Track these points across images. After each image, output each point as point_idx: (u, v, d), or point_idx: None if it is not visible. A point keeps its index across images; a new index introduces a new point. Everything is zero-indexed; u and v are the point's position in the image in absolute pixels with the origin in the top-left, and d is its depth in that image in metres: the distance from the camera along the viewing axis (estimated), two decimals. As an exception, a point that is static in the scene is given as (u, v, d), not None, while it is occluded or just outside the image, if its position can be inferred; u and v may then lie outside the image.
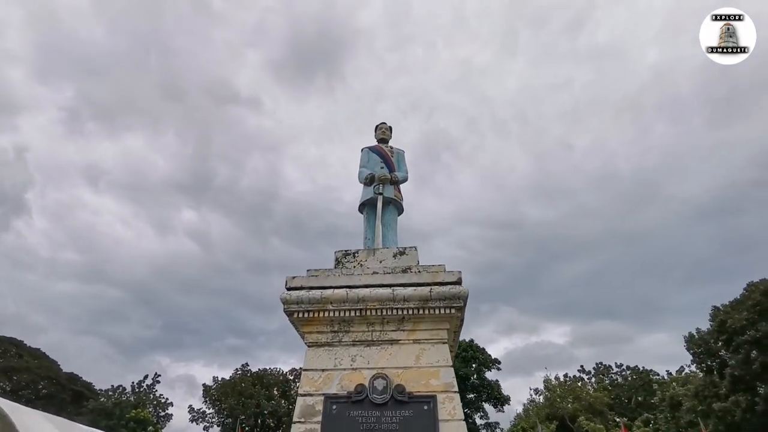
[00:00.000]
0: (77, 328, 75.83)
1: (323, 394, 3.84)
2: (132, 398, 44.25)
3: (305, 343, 4.22)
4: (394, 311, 4.07)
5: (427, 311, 4.04)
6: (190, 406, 45.86)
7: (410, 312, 4.06)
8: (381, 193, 5.50)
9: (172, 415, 46.83)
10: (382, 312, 4.09)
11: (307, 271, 4.45)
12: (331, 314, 4.14)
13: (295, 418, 3.76)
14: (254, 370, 45.37)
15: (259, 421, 41.53)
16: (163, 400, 47.31)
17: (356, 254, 4.72)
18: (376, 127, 6.34)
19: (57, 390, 40.76)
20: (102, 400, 42.62)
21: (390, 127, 6.38)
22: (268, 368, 45.81)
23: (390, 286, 4.15)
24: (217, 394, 43.48)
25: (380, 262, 4.58)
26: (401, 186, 5.90)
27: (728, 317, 29.85)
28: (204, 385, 44.99)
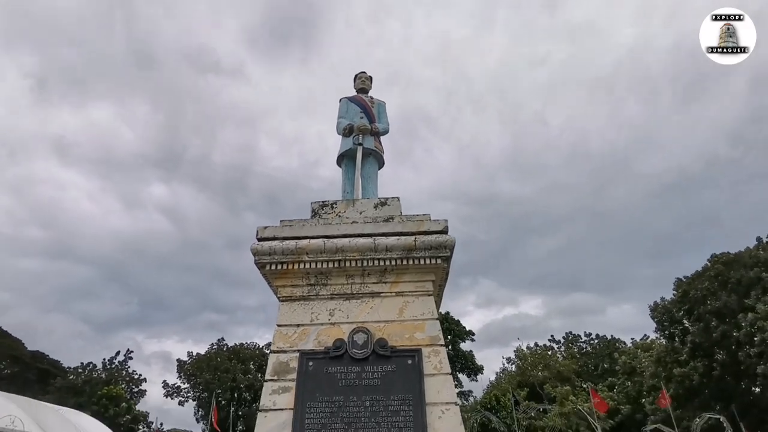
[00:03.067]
0: (45, 306, 73.40)
1: (298, 350, 3.54)
2: (103, 375, 43.26)
3: (278, 298, 3.88)
4: (376, 262, 3.77)
5: (411, 262, 3.75)
6: (164, 381, 45.32)
7: (393, 263, 3.76)
8: (361, 144, 5.12)
9: (146, 391, 46.23)
10: (362, 263, 3.77)
11: (281, 221, 4.08)
12: (307, 266, 3.80)
13: (267, 376, 3.46)
14: (230, 345, 45.03)
15: (236, 394, 41.43)
16: (136, 377, 46.57)
17: (334, 205, 4.36)
18: (356, 76, 5.90)
19: (21, 369, 39.43)
20: (71, 378, 41.52)
21: (370, 77, 5.95)
22: (244, 343, 45.54)
23: (371, 235, 3.83)
24: (192, 369, 43.02)
25: (360, 213, 4.24)
26: (382, 139, 5.54)
27: (690, 288, 31.14)
28: (178, 360, 44.42)
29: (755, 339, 24.45)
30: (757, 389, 26.83)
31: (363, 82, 5.82)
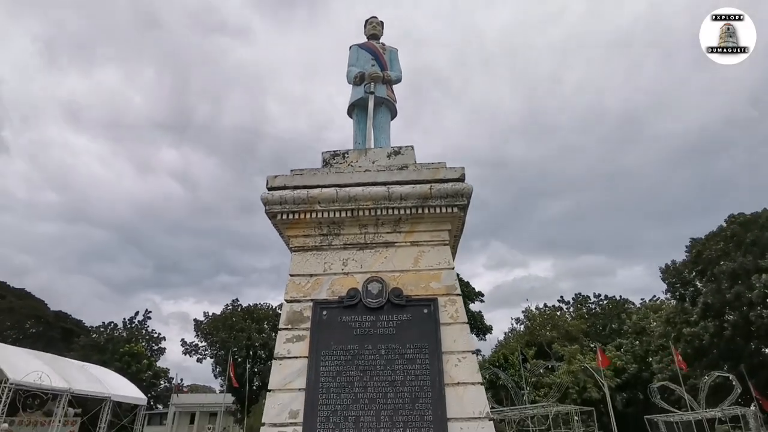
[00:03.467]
0: (66, 268, 75.54)
1: (312, 300, 3.48)
2: (124, 334, 44.93)
3: (290, 248, 3.80)
4: (390, 211, 3.63)
5: (426, 210, 3.62)
6: (182, 339, 46.99)
7: (408, 212, 3.63)
8: (372, 92, 4.89)
9: (165, 348, 48.18)
10: (376, 212, 3.65)
11: (291, 170, 3.94)
12: (319, 215, 3.69)
13: (281, 325, 3.42)
14: (244, 305, 46.22)
15: (251, 352, 42.89)
16: (155, 335, 48.39)
17: (346, 155, 4.19)
18: (366, 21, 5.59)
19: (45, 328, 40.94)
20: (93, 336, 43.20)
21: (381, 22, 5.62)
22: (258, 303, 46.70)
23: (385, 184, 3.68)
24: (208, 328, 44.43)
25: (373, 162, 4.07)
26: (394, 87, 5.28)
27: (705, 248, 30.81)
28: (195, 320, 45.83)
29: (768, 301, 24.32)
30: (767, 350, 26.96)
31: (374, 28, 5.51)
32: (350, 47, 5.42)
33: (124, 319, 47.39)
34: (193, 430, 43.99)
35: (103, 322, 46.17)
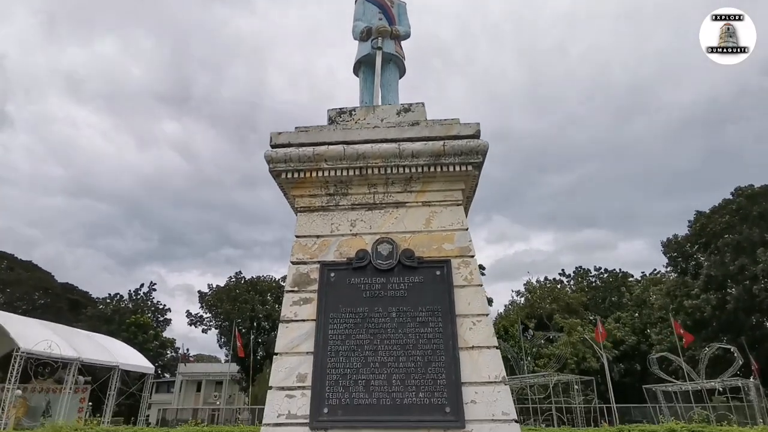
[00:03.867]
0: (72, 242, 76.05)
1: (319, 262, 3.33)
2: (130, 305, 45.48)
3: (295, 209, 3.63)
4: (401, 170, 3.44)
5: (439, 169, 3.42)
6: (187, 311, 47.62)
7: (419, 170, 3.44)
8: (380, 48, 4.60)
9: (171, 320, 48.84)
10: (386, 171, 3.45)
11: (296, 127, 3.73)
12: (326, 174, 3.50)
13: (287, 287, 3.28)
14: (248, 277, 46.57)
15: (255, 323, 43.47)
16: (161, 307, 49.00)
17: (353, 112, 3.97)
18: (372, -28, 5.23)
19: (53, 300, 41.38)
20: (100, 308, 43.76)
21: (388, -27, 5.27)
22: (261, 276, 47.05)
23: (395, 141, 3.47)
24: (212, 300, 44.91)
25: (381, 120, 3.85)
26: (403, 44, 4.99)
27: (710, 221, 30.63)
28: (199, 291, 46.31)
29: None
30: (768, 323, 27.13)
31: (381, -21, 5.16)
32: (355, 1, 5.11)
33: (130, 291, 47.90)
34: (200, 398, 45.09)
35: (109, 294, 46.69)
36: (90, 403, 21.19)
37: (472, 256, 3.28)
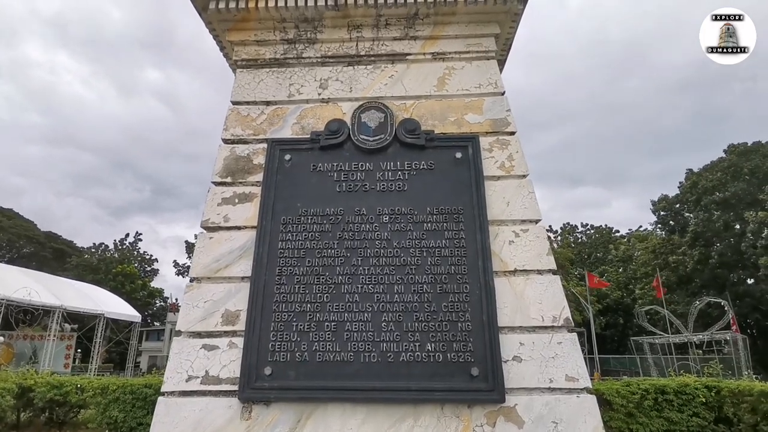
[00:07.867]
0: (61, 191, 72.98)
1: (267, 139, 2.08)
2: (116, 255, 44.34)
3: (233, 62, 2.33)
4: (400, 1, 2.15)
5: (457, 2, 2.13)
6: (174, 261, 46.52)
7: (428, 4, 2.14)
8: None
9: (158, 270, 47.87)
10: (376, 4, 2.16)
11: (234, -63, 2.36)
12: (282, 5, 2.18)
13: (214, 178, 2.05)
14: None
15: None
16: (147, 257, 47.86)
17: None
18: None
19: (36, 249, 40.04)
20: (86, 257, 42.64)
21: None
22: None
23: (392, -49, 2.15)
24: (197, 250, 43.66)
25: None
26: None
27: (701, 179, 30.04)
28: (186, 242, 45.11)
29: (762, 235, 23.83)
30: (751, 280, 27.14)
31: None
32: None
33: (115, 240, 46.57)
34: (185, 346, 44.94)
35: (94, 243, 45.32)
36: (79, 351, 21.05)
37: (512, 133, 2.06)
